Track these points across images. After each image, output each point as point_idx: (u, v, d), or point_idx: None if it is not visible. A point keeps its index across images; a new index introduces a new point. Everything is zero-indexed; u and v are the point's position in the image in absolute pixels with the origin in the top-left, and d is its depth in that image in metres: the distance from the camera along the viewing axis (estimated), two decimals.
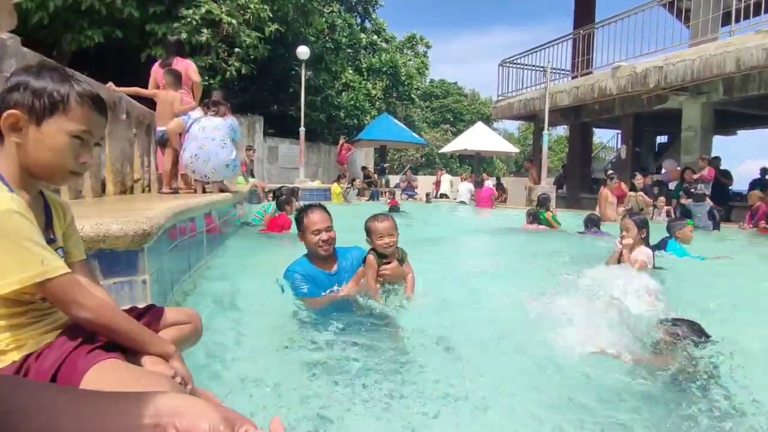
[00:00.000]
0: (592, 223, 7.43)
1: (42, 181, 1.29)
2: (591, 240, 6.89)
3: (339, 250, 3.02)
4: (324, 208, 3.01)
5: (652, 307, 3.01)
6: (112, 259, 2.01)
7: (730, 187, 11.31)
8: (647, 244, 4.18)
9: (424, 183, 18.78)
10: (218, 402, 1.52)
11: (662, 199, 10.07)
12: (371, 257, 2.87)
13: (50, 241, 1.26)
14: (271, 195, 8.71)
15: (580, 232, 7.42)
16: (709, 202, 8.72)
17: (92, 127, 1.27)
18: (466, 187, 15.53)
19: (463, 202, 15.02)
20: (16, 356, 1.16)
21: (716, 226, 8.44)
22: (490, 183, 15.63)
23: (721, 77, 10.00)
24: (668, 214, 9.24)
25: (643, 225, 4.14)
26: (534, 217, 7.92)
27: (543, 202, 7.99)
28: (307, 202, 4.13)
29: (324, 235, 2.87)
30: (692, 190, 9.14)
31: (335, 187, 13.98)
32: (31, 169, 1.23)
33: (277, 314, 2.79)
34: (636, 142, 13.67)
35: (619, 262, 4.10)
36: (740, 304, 3.34)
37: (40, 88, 1.19)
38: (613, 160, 17.41)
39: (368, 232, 2.93)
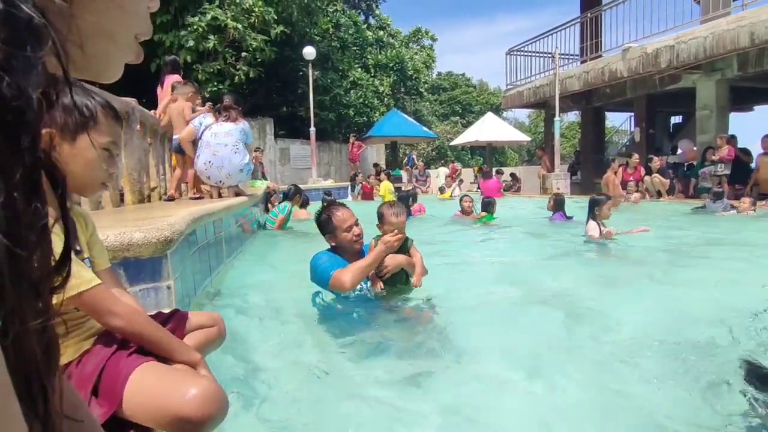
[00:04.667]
0: (560, 206, 7.39)
1: (71, 194, 1.32)
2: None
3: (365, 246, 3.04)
4: (343, 204, 3.04)
5: None
6: (137, 266, 2.05)
7: (751, 165, 11.09)
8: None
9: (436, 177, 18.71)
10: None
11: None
12: (373, 243, 2.91)
13: (76, 253, 1.29)
14: (275, 196, 8.68)
15: (549, 218, 7.40)
16: (722, 203, 8.47)
17: (116, 138, 1.32)
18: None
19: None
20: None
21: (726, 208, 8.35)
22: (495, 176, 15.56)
23: (735, 53, 9.79)
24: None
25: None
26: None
27: (486, 206, 7.67)
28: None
29: (356, 229, 2.89)
30: (716, 189, 8.94)
31: (387, 185, 12.95)
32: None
33: (299, 313, 2.83)
34: (650, 124, 13.44)
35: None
36: None
37: (68, 104, 1.22)
38: (627, 143, 17.17)
39: (381, 218, 2.96)
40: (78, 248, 1.32)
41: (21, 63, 0.30)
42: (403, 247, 2.96)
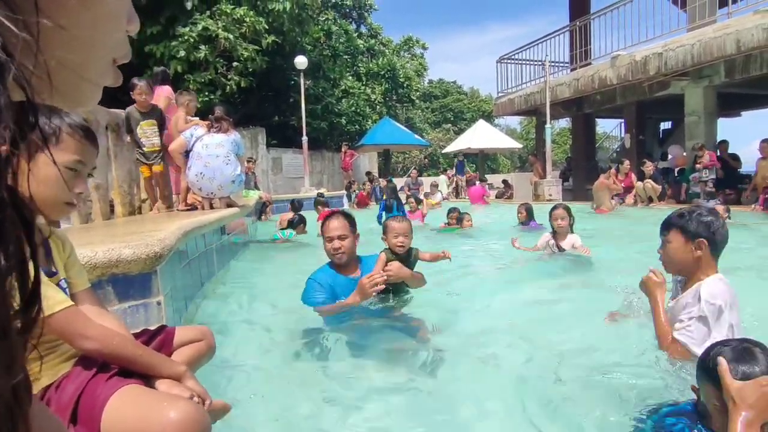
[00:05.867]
0: (531, 215, 7.39)
1: (38, 215, 1.29)
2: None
3: (362, 258, 3.02)
4: (345, 216, 2.96)
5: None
6: (126, 283, 2.03)
7: (739, 170, 11.21)
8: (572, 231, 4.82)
9: (427, 184, 18.76)
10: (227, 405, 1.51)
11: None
12: (383, 255, 2.94)
13: (52, 274, 1.26)
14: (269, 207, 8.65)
15: (521, 223, 7.37)
16: (716, 202, 8.59)
17: (85, 158, 1.27)
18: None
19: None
20: (34, 390, 1.18)
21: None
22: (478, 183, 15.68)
23: (722, 60, 9.92)
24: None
25: (571, 213, 4.79)
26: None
27: (459, 220, 7.68)
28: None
29: (336, 243, 2.82)
30: (707, 188, 9.09)
31: None
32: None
33: (289, 327, 2.82)
34: (640, 130, 13.56)
35: (551, 248, 4.82)
36: None
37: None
38: (618, 149, 17.32)
39: (385, 229, 3.03)
40: (54, 269, 1.29)
41: None
42: (408, 262, 2.97)
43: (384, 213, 8.16)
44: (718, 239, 1.91)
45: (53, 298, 1.16)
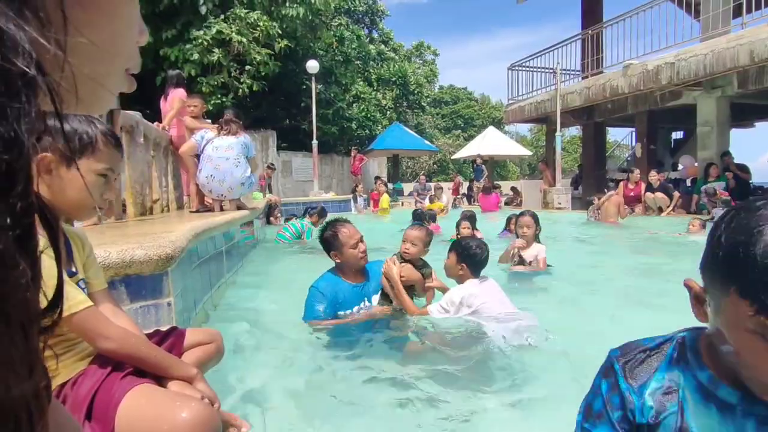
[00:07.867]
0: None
1: (64, 216, 1.34)
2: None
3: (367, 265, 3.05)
4: (349, 221, 3.06)
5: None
6: (138, 283, 2.07)
7: (750, 182, 11.10)
8: (539, 240, 4.65)
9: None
10: (242, 423, 1.55)
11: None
12: (393, 258, 2.97)
13: (72, 274, 1.30)
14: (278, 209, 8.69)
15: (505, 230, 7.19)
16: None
17: (115, 165, 1.35)
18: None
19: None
20: (52, 386, 1.21)
21: None
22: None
23: (734, 70, 9.86)
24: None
25: (538, 222, 4.59)
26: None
27: (456, 226, 7.56)
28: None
29: (362, 246, 2.90)
30: (723, 197, 9.07)
31: (386, 198, 13.35)
32: (55, 207, 1.28)
33: (297, 331, 2.83)
34: (651, 140, 13.48)
35: (514, 258, 4.58)
36: None
37: (69, 131, 1.25)
38: (629, 158, 17.22)
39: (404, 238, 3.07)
40: (74, 269, 1.33)
41: (15, 113, 0.31)
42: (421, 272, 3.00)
43: None
44: (479, 263, 2.80)
45: (75, 298, 1.20)
